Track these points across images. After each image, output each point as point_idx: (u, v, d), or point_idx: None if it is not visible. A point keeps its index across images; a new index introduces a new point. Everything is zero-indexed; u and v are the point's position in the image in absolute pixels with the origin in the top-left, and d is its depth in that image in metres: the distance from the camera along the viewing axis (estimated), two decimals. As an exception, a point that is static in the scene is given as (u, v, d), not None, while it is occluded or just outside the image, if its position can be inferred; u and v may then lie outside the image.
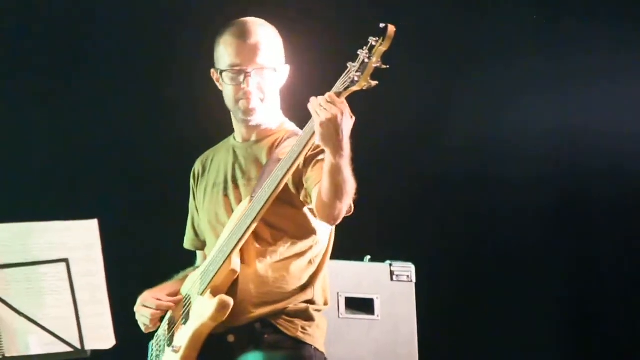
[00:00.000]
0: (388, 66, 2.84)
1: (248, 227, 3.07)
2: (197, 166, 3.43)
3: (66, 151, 5.13)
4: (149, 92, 5.10)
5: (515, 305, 5.38)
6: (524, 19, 5.36)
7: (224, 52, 3.20)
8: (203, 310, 3.11)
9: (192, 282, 3.25)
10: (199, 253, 3.45)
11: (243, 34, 3.18)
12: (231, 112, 3.29)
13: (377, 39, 2.83)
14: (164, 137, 5.09)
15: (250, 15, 3.28)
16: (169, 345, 3.24)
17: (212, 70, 3.27)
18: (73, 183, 5.06)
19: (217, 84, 3.27)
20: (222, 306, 3.07)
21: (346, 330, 4.42)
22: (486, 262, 5.35)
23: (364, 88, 2.87)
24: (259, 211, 3.05)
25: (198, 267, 3.39)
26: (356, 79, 2.85)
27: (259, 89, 3.19)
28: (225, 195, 3.25)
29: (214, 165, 3.36)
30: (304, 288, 3.18)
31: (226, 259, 3.09)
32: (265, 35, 3.20)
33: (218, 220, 3.26)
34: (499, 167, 5.36)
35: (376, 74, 2.86)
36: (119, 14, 5.10)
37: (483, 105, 5.38)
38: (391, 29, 2.83)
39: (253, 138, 3.27)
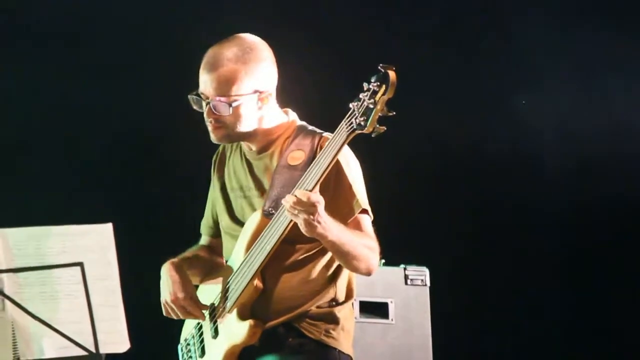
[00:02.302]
0: (394, 113, 2.83)
1: (268, 254, 3.04)
2: (219, 153, 3.42)
3: (80, 155, 5.15)
4: (167, 91, 5.11)
5: (530, 310, 5.35)
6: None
7: (199, 76, 3.18)
8: (234, 333, 3.12)
9: (215, 293, 3.23)
10: (206, 237, 3.45)
11: (208, 63, 3.12)
12: None
13: (378, 83, 2.80)
14: (178, 143, 5.09)
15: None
16: (201, 357, 3.25)
17: None
18: (87, 187, 5.07)
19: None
20: (254, 331, 3.09)
21: (360, 334, 4.41)
22: (500, 266, 5.33)
23: (372, 135, 2.86)
24: (278, 238, 3.02)
25: (203, 246, 3.41)
26: (362, 123, 2.82)
27: (216, 119, 3.14)
28: (240, 205, 3.25)
29: (229, 167, 3.35)
30: (326, 287, 3.17)
31: (249, 281, 3.09)
32: (230, 66, 3.11)
33: (233, 226, 3.25)
34: (515, 170, 5.34)
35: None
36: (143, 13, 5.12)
37: (499, 106, 5.36)
38: (392, 76, 2.80)
39: (255, 148, 3.26)
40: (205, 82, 3.13)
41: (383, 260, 4.61)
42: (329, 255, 3.16)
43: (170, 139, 5.13)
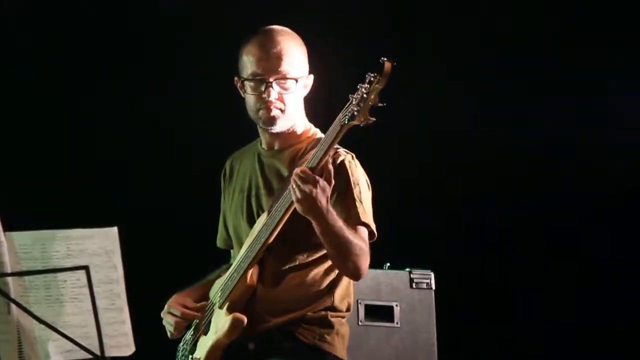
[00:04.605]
0: (385, 104, 2.84)
1: (262, 245, 3.08)
2: (227, 167, 3.45)
3: (85, 158, 5.15)
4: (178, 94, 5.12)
5: (536, 313, 5.34)
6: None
7: (247, 60, 3.21)
8: (219, 325, 3.14)
9: (217, 290, 3.25)
10: (233, 251, 3.46)
11: (266, 44, 3.18)
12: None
13: (375, 75, 2.84)
14: (187, 146, 5.09)
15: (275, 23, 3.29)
16: (191, 353, 3.26)
17: (236, 78, 3.27)
18: (93, 190, 5.07)
19: (240, 91, 3.28)
20: (235, 325, 3.10)
21: (365, 338, 4.42)
22: (507, 269, 5.32)
23: (362, 125, 2.87)
24: (273, 229, 3.06)
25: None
26: (355, 113, 2.85)
27: (279, 99, 3.18)
28: (249, 204, 3.26)
29: (241, 170, 3.37)
30: (323, 295, 3.18)
31: (242, 275, 3.10)
32: (289, 45, 3.19)
33: (241, 229, 3.27)
34: (518, 171, 5.33)
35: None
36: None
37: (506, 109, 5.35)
38: (387, 66, 2.84)
39: (276, 147, 3.28)
40: (265, 61, 3.16)
41: (388, 264, 4.61)
42: (328, 262, 3.16)
43: (182, 143, 5.12)
